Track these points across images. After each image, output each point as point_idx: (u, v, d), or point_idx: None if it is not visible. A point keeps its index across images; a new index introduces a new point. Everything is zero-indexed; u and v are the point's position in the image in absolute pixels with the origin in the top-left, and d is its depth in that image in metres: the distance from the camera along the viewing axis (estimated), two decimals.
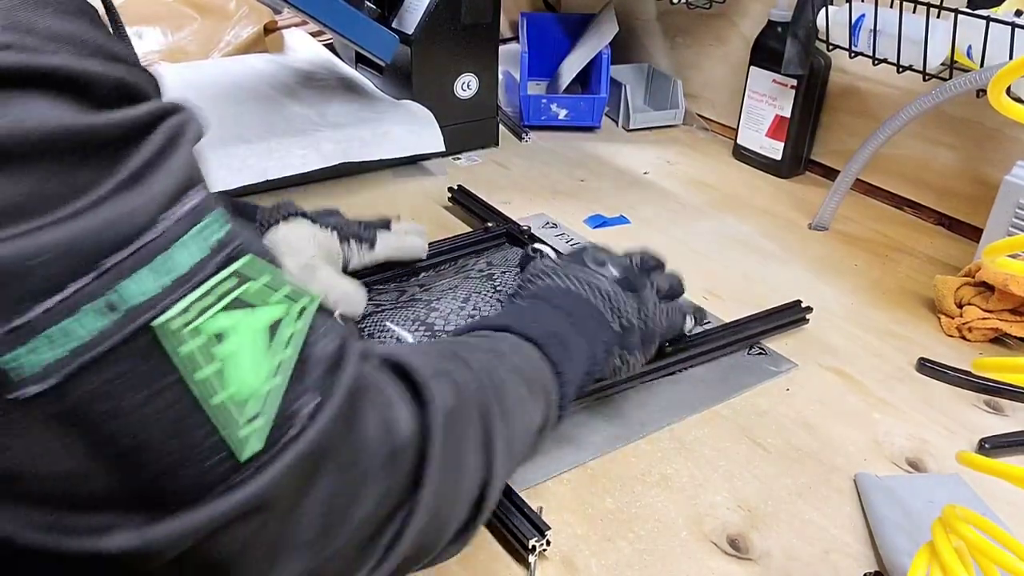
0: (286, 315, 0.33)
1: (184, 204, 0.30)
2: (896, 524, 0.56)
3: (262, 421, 0.31)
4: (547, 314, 0.57)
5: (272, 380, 0.32)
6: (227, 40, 1.33)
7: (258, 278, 0.32)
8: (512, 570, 0.53)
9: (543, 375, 0.53)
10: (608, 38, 1.23)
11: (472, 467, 0.43)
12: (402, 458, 0.38)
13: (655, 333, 0.63)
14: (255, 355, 0.31)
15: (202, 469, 0.30)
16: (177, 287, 0.29)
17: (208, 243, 0.30)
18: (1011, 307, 0.77)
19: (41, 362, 0.27)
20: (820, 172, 1.13)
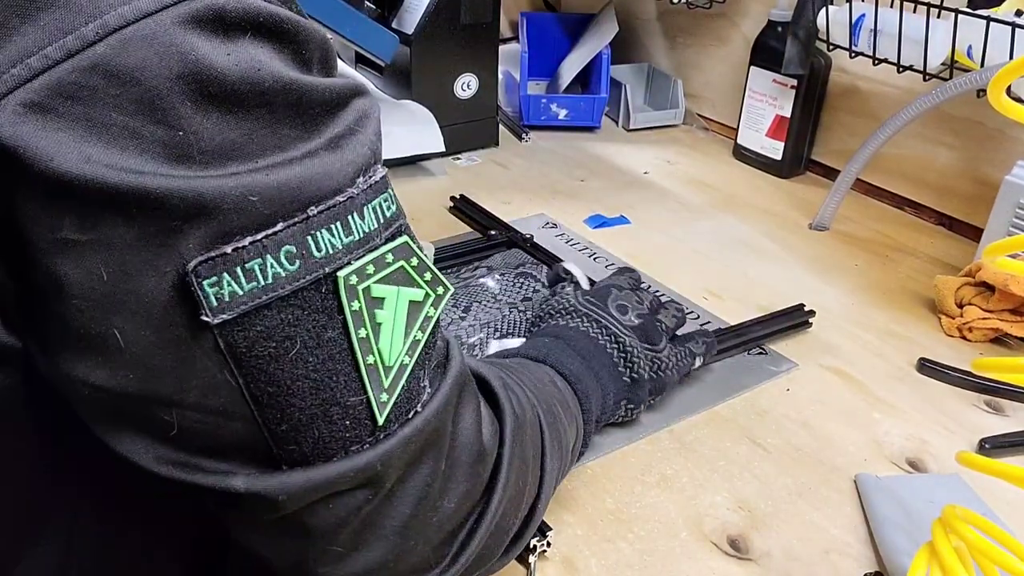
0: (425, 299, 0.34)
1: (372, 176, 0.32)
2: (896, 524, 0.56)
3: (396, 391, 0.33)
4: (569, 356, 0.58)
5: (404, 357, 0.33)
6: None
7: (411, 259, 0.33)
8: (512, 570, 0.53)
9: (573, 405, 0.55)
10: (608, 38, 1.23)
11: (530, 480, 0.44)
12: (485, 460, 0.40)
13: (665, 384, 0.64)
14: (399, 328, 0.33)
15: (340, 427, 0.32)
16: (357, 247, 0.31)
17: (384, 215, 0.32)
18: (1011, 307, 0.77)
19: (233, 292, 0.28)
20: (820, 172, 1.13)
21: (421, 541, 0.37)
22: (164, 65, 0.27)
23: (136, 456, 0.31)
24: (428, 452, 0.36)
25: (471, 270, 0.84)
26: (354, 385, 0.31)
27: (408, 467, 0.35)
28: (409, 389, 0.34)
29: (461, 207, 0.98)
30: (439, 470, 0.37)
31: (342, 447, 0.32)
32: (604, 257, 0.91)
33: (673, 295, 0.84)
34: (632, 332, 0.62)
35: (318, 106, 0.30)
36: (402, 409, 0.33)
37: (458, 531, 0.39)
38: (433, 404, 0.35)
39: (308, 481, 0.32)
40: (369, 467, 0.33)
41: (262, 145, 0.29)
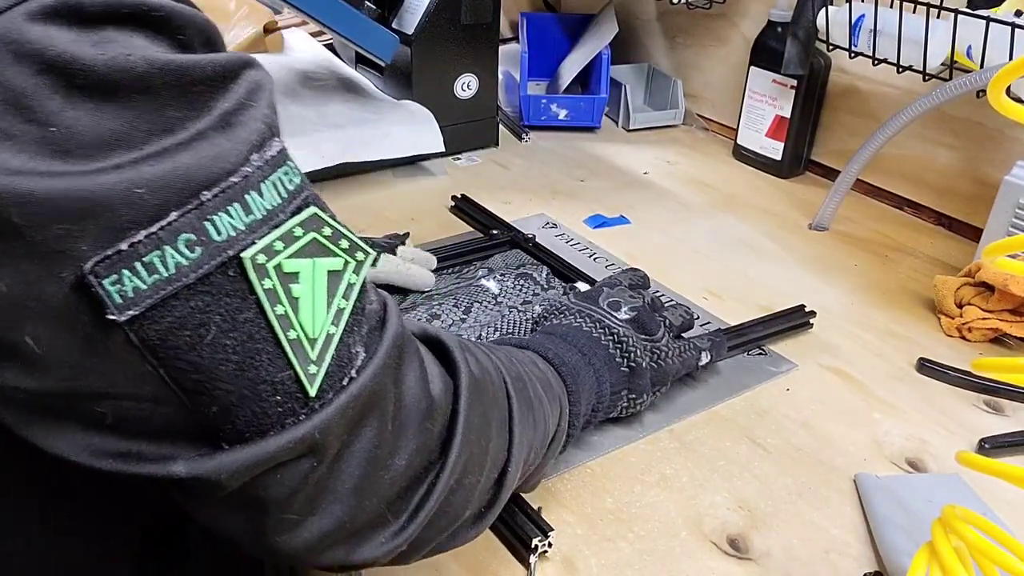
0: (344, 267, 0.34)
1: (267, 151, 0.31)
2: (896, 524, 0.56)
3: (324, 361, 0.33)
4: (564, 349, 0.59)
5: (330, 327, 0.33)
6: (227, 40, 1.33)
7: (322, 229, 0.33)
8: (512, 569, 0.53)
9: (558, 390, 0.55)
10: (608, 38, 1.23)
11: (495, 443, 0.44)
12: (436, 415, 0.40)
13: (667, 374, 0.63)
14: (318, 301, 0.33)
15: (271, 403, 0.32)
16: (260, 226, 0.30)
17: (286, 189, 0.32)
18: (1011, 307, 0.77)
19: (136, 287, 0.28)
20: (820, 172, 1.13)
21: (375, 499, 0.37)
22: (23, 63, 0.26)
23: (72, 455, 0.31)
24: (370, 415, 0.36)
25: (472, 271, 0.84)
26: (279, 362, 0.31)
27: (350, 432, 0.35)
28: (339, 357, 0.34)
29: (462, 207, 0.98)
30: (385, 430, 0.37)
31: (277, 422, 0.32)
32: (604, 257, 0.91)
33: (673, 295, 0.84)
34: (626, 324, 0.62)
35: (203, 82, 0.30)
36: (335, 377, 0.33)
37: (415, 486, 0.39)
38: (369, 369, 0.35)
39: (247, 459, 0.32)
40: (307, 438, 0.33)
41: (148, 131, 0.28)
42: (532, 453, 0.49)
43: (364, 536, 0.38)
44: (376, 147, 1.02)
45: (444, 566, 0.53)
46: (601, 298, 0.65)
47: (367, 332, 0.36)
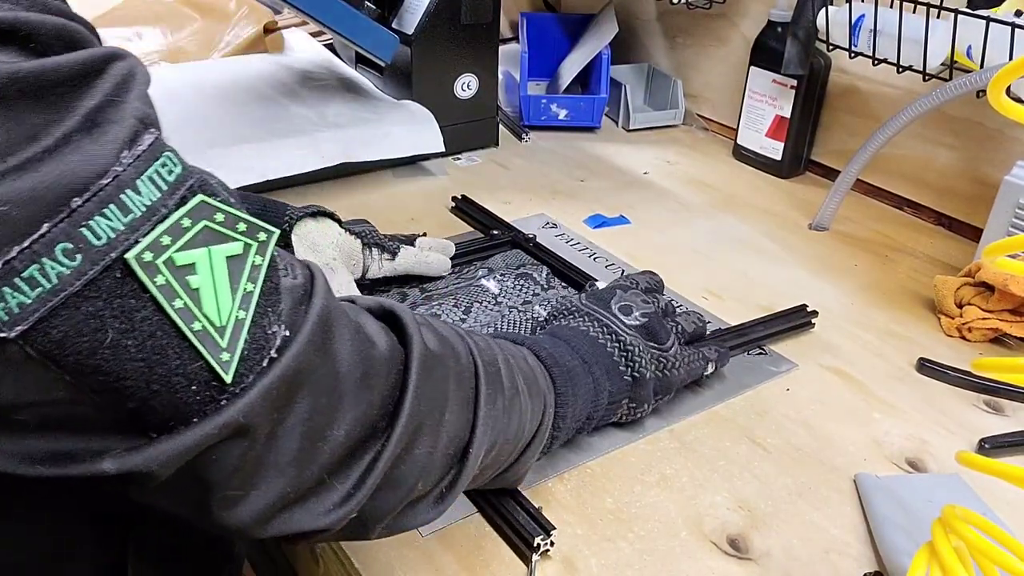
0: (246, 250, 0.34)
1: (140, 144, 0.31)
2: (896, 524, 0.56)
3: (237, 347, 0.33)
4: (564, 350, 0.58)
5: (239, 312, 0.33)
6: (227, 40, 1.33)
7: (213, 216, 0.33)
8: (512, 569, 0.53)
9: (544, 388, 0.54)
10: (608, 38, 1.23)
11: (453, 418, 0.44)
12: (376, 384, 0.40)
13: (671, 384, 0.63)
14: (221, 288, 0.32)
15: (188, 393, 0.32)
16: (143, 222, 0.30)
17: (166, 181, 0.31)
18: (1011, 307, 0.77)
19: (20, 303, 0.27)
20: (820, 172, 1.13)
21: (316, 468, 0.37)
22: None
23: (6, 467, 0.31)
24: (300, 391, 0.36)
25: (472, 271, 0.84)
26: (188, 354, 0.31)
27: (280, 409, 0.35)
28: (255, 340, 0.33)
29: (462, 207, 0.98)
30: (319, 403, 0.37)
31: (198, 410, 0.32)
32: (604, 257, 0.91)
33: (673, 295, 0.84)
34: (635, 331, 0.62)
35: (62, 84, 0.29)
36: (252, 360, 0.33)
37: (359, 453, 0.39)
38: (293, 348, 0.35)
39: (175, 448, 0.32)
40: (231, 422, 0.33)
41: (7, 143, 0.28)
42: (503, 440, 0.48)
43: (310, 505, 0.38)
44: (376, 147, 1.02)
45: (444, 565, 0.53)
46: (613, 301, 0.64)
47: (288, 309, 0.35)
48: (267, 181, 0.93)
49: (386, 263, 0.78)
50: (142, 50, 1.28)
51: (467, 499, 0.57)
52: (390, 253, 0.78)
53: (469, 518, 0.57)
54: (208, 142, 0.95)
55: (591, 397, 0.58)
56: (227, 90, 1.12)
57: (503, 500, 0.56)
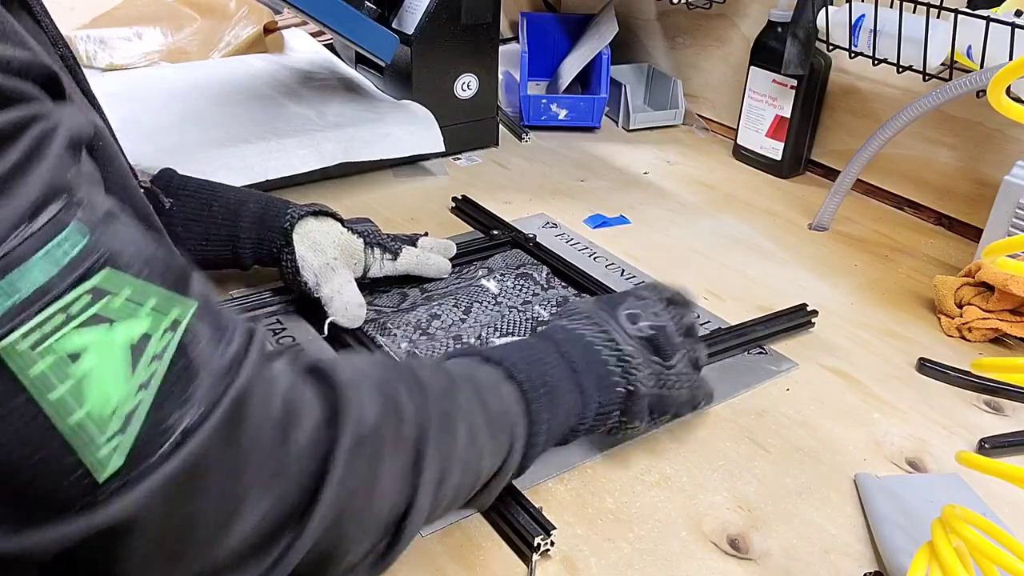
0: (154, 328, 0.32)
1: (39, 219, 0.29)
2: (896, 524, 0.56)
3: (125, 438, 0.30)
4: (550, 360, 0.55)
5: (137, 395, 0.31)
6: (227, 40, 1.33)
7: (119, 292, 0.31)
8: (512, 569, 0.53)
9: (514, 420, 0.51)
10: (608, 38, 1.23)
11: (389, 489, 0.42)
12: (292, 471, 0.37)
13: (669, 404, 0.60)
14: (116, 371, 0.30)
15: (61, 487, 0.30)
16: (25, 307, 0.28)
17: (63, 259, 0.29)
18: (1011, 307, 0.77)
19: None
20: (820, 172, 1.13)
21: (224, 557, 0.35)
22: None
23: None
24: (201, 481, 0.33)
25: (472, 271, 0.84)
26: (63, 448, 0.29)
27: (177, 502, 0.32)
28: (150, 430, 0.31)
29: (463, 208, 0.98)
30: (222, 496, 0.34)
31: (77, 503, 0.30)
32: (604, 257, 0.91)
33: None
34: (638, 342, 0.58)
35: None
36: (145, 452, 0.31)
37: (274, 541, 0.37)
38: (196, 438, 0.32)
39: (51, 539, 0.30)
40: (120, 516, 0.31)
41: None
42: (456, 487, 0.46)
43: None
44: (376, 147, 1.02)
45: (444, 565, 0.53)
46: (622, 307, 0.60)
47: (207, 386, 0.33)
48: (267, 181, 0.93)
49: (387, 263, 0.78)
50: (142, 50, 1.28)
51: None
52: (392, 253, 0.78)
53: (469, 518, 0.57)
54: (208, 142, 0.95)
55: (576, 410, 0.55)
56: (227, 90, 1.12)
57: (503, 500, 0.56)
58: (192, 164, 0.84)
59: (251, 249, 0.75)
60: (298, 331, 0.75)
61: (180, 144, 0.94)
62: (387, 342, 0.72)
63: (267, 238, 0.74)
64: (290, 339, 0.74)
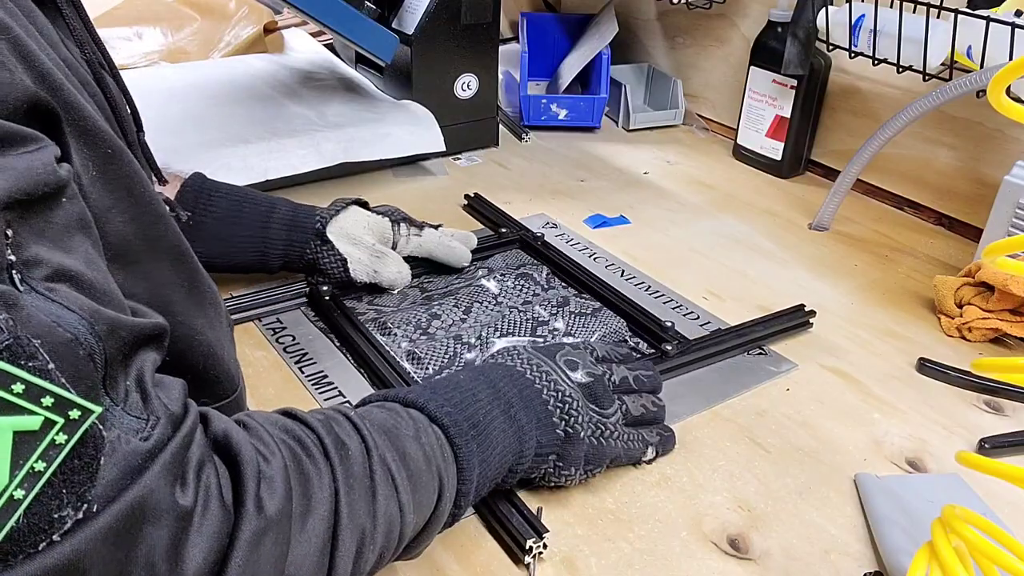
0: (45, 427, 0.31)
1: None
2: (896, 524, 0.56)
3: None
4: (481, 397, 0.53)
5: (17, 491, 0.30)
6: (227, 40, 1.33)
7: (11, 386, 0.30)
8: (512, 569, 0.53)
9: (442, 466, 0.49)
10: (608, 38, 1.23)
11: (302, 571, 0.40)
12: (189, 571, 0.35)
13: (605, 455, 0.57)
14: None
15: None
16: None
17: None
18: (1011, 307, 0.77)
19: None
20: (820, 172, 1.13)
21: None
22: None
23: None
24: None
25: (472, 270, 0.84)
26: None
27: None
28: (30, 524, 0.30)
29: (475, 205, 0.99)
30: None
31: None
32: (604, 257, 0.91)
33: (673, 295, 0.84)
34: (577, 387, 0.57)
35: None
36: (20, 545, 0.30)
37: None
38: (80, 536, 0.31)
39: None
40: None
41: None
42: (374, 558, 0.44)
43: None
44: (376, 147, 1.02)
45: (444, 565, 0.53)
46: (560, 354, 0.59)
47: (109, 481, 0.32)
48: (267, 181, 0.93)
49: (413, 238, 0.81)
50: (142, 50, 1.28)
51: None
52: (417, 227, 0.81)
53: (469, 518, 0.57)
54: (208, 142, 0.95)
55: (513, 448, 0.53)
56: (227, 90, 1.12)
57: (499, 502, 0.56)
58: (192, 164, 0.84)
59: (280, 252, 0.76)
60: (298, 330, 0.75)
61: (180, 144, 0.94)
62: (387, 342, 0.72)
63: (298, 240, 0.76)
64: (290, 338, 0.74)
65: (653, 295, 0.84)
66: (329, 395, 0.67)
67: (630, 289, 0.84)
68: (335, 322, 0.75)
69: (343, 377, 0.70)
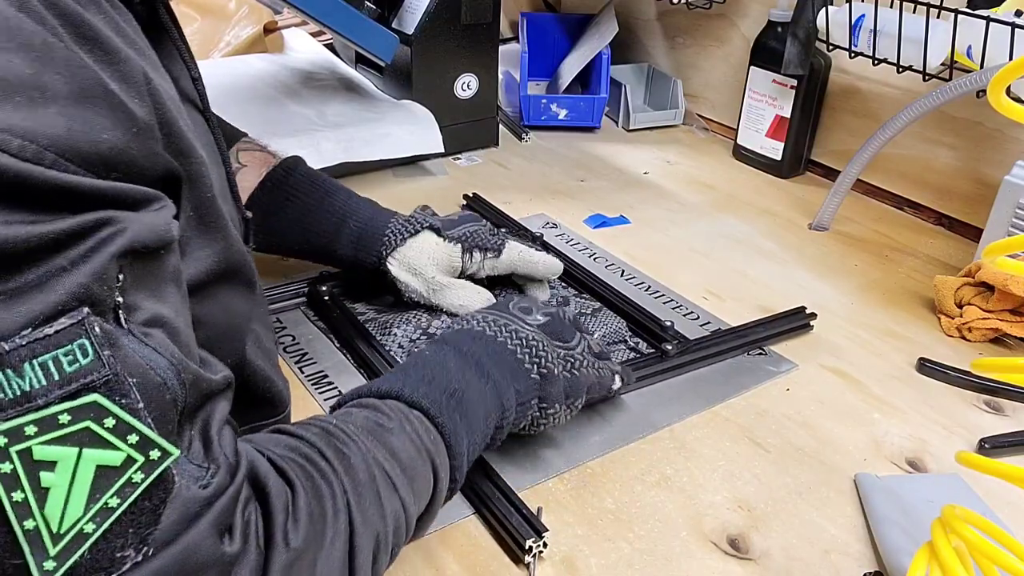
0: (126, 464, 0.32)
1: (51, 326, 0.29)
2: (896, 524, 0.56)
3: (64, 562, 0.31)
4: (450, 365, 0.53)
5: (88, 524, 0.31)
6: (227, 40, 1.33)
7: (105, 419, 0.31)
8: (512, 569, 0.53)
9: (431, 448, 0.49)
10: (608, 38, 1.23)
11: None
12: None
13: (581, 385, 0.59)
14: (76, 494, 0.31)
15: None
16: (8, 407, 0.29)
17: (61, 371, 0.30)
18: (1011, 307, 0.77)
19: None
20: (820, 172, 1.13)
21: None
22: None
23: None
24: None
25: None
26: (13, 548, 0.29)
27: None
28: (94, 559, 0.31)
29: (474, 205, 0.99)
30: None
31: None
32: (604, 257, 0.91)
33: (673, 295, 0.84)
34: (537, 329, 0.58)
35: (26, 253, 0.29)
36: None
37: None
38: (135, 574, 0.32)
39: None
40: None
41: None
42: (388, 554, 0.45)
43: None
44: (376, 147, 1.02)
45: (444, 565, 0.53)
46: (512, 304, 0.60)
47: (169, 524, 0.33)
48: None
49: (488, 263, 0.75)
50: None
51: (464, 500, 0.57)
52: (494, 251, 0.75)
53: (468, 518, 0.57)
54: None
55: (494, 404, 0.53)
56: (227, 90, 1.12)
57: (498, 502, 0.56)
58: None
59: (347, 263, 0.76)
60: (298, 330, 0.75)
61: None
62: (387, 342, 0.72)
63: (363, 259, 0.74)
64: (290, 338, 0.74)
65: (653, 295, 0.84)
66: (329, 395, 0.67)
67: (630, 289, 0.84)
68: (335, 322, 0.75)
69: (343, 377, 0.70)
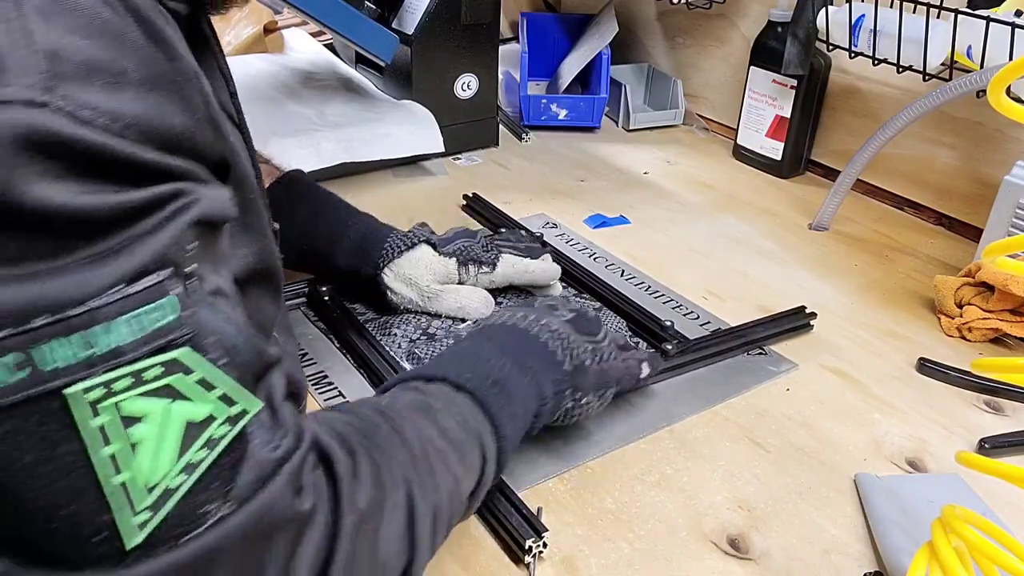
0: (213, 416, 0.32)
1: (138, 285, 0.30)
2: (896, 524, 0.56)
3: (155, 516, 0.31)
4: (490, 356, 0.55)
5: (176, 477, 0.31)
6: (227, 40, 1.33)
7: (191, 373, 0.32)
8: (512, 569, 0.53)
9: (478, 429, 0.51)
10: (608, 38, 1.23)
11: (392, 555, 0.42)
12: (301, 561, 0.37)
13: (611, 377, 0.60)
14: (166, 447, 0.31)
15: (87, 544, 0.30)
16: (100, 362, 0.29)
17: (147, 327, 0.31)
18: (1011, 307, 0.77)
19: None
20: (820, 172, 1.13)
21: None
22: None
23: None
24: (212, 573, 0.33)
25: None
26: (100, 503, 0.30)
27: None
28: (182, 513, 0.32)
29: (473, 205, 0.99)
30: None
31: (94, 562, 0.31)
32: (604, 257, 0.91)
33: (673, 295, 0.84)
34: (565, 323, 0.60)
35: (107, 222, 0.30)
36: (170, 533, 0.32)
37: None
38: (220, 528, 0.33)
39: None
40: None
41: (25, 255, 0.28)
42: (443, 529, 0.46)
43: None
44: (376, 147, 1.02)
45: (444, 565, 0.53)
46: (538, 302, 0.63)
47: (246, 483, 0.34)
48: None
49: (484, 277, 0.76)
50: None
51: None
52: (488, 265, 0.76)
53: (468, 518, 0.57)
54: None
55: (533, 392, 0.55)
56: None
57: (498, 502, 0.56)
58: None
59: (344, 274, 0.76)
60: (298, 330, 0.75)
61: None
62: (387, 342, 0.72)
63: (361, 268, 0.75)
64: None
65: (653, 295, 0.84)
66: (329, 395, 0.67)
67: (630, 289, 0.84)
68: (335, 322, 0.75)
69: (343, 377, 0.70)
